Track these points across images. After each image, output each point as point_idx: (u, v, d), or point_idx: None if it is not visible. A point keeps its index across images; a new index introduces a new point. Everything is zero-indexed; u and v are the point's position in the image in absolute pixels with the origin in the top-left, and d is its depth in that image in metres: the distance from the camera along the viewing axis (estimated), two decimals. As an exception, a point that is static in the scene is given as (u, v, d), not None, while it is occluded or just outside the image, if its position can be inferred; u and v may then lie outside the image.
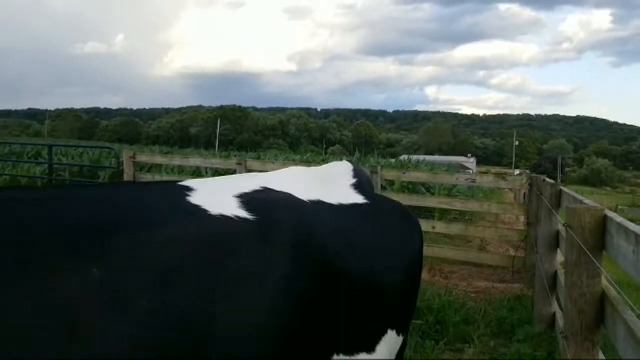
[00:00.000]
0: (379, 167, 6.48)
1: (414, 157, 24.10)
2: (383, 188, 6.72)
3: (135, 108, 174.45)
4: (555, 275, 3.57)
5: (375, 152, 23.58)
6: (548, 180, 4.88)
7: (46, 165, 12.06)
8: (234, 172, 7.79)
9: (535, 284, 3.81)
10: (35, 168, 12.38)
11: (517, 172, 37.85)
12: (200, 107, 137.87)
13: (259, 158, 13.68)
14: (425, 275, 5.53)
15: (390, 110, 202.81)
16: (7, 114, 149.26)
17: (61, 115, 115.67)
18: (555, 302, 3.58)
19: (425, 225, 6.39)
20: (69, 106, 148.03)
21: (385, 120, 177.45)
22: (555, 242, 3.67)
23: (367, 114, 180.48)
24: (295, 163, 10.62)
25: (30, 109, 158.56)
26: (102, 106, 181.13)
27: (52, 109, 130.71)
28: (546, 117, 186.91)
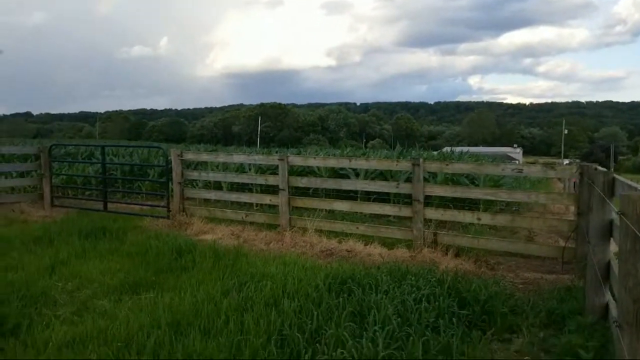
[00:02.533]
0: (421, 160, 6.41)
1: (457, 149, 23.58)
2: (425, 180, 6.63)
3: (180, 108, 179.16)
4: (608, 265, 3.46)
5: (417, 144, 23.21)
6: (600, 168, 4.70)
7: (99, 165, 12.63)
8: (276, 168, 7.91)
9: (587, 274, 3.69)
10: (89, 167, 12.96)
11: (566, 161, 36.34)
12: (242, 105, 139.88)
13: (299, 154, 13.78)
14: (471, 266, 5.46)
15: (432, 102, 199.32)
16: (61, 117, 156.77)
17: (110, 117, 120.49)
18: (608, 292, 3.47)
19: (470, 217, 6.29)
20: (117, 108, 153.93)
21: (427, 112, 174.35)
22: (608, 231, 3.55)
23: (407, 106, 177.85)
24: (337, 157, 10.64)
25: (81, 112, 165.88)
26: (148, 107, 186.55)
27: (102, 111, 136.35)
28: (598, 103, 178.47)
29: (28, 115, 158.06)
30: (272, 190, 8.30)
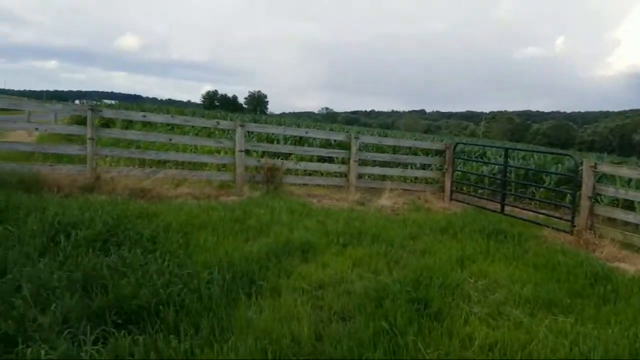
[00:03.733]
0: None
1: None
2: None
3: (568, 111, 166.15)
4: None
5: None
6: None
7: (493, 165, 12.79)
8: None
9: None
10: (482, 167, 13.30)
11: None
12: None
13: None
14: None
15: None
16: (449, 115, 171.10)
17: (495, 117, 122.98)
18: None
19: None
20: (502, 109, 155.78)
21: None
22: None
23: None
24: None
25: (468, 111, 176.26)
26: (533, 109, 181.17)
27: (487, 111, 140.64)
28: None
29: (422, 112, 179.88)
30: None
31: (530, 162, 13.45)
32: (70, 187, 7.66)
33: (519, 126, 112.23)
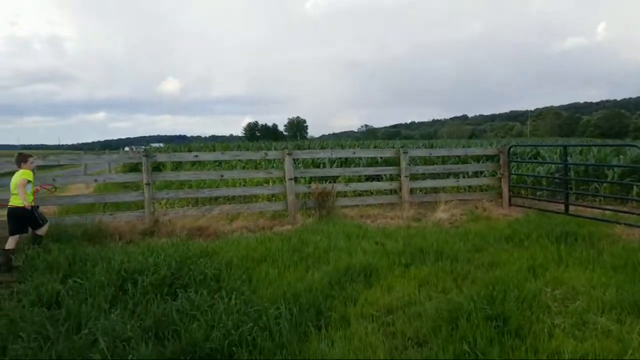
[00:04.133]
0: None
1: None
2: None
3: (619, 99, 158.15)
4: None
5: None
6: None
7: (549, 165, 12.25)
8: None
9: None
10: (538, 167, 12.76)
11: None
12: None
13: None
14: None
15: None
16: (492, 118, 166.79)
17: (541, 114, 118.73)
18: None
19: None
20: (548, 104, 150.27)
21: None
22: None
23: None
24: None
25: (512, 111, 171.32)
26: (581, 100, 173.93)
27: (532, 108, 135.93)
28: None
29: (464, 118, 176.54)
30: None
31: (589, 156, 12.80)
32: (130, 234, 7.91)
33: (568, 120, 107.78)
